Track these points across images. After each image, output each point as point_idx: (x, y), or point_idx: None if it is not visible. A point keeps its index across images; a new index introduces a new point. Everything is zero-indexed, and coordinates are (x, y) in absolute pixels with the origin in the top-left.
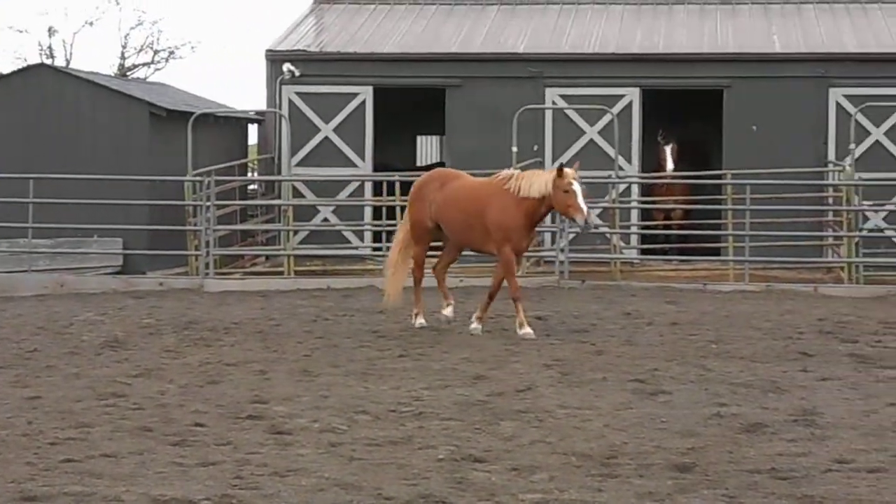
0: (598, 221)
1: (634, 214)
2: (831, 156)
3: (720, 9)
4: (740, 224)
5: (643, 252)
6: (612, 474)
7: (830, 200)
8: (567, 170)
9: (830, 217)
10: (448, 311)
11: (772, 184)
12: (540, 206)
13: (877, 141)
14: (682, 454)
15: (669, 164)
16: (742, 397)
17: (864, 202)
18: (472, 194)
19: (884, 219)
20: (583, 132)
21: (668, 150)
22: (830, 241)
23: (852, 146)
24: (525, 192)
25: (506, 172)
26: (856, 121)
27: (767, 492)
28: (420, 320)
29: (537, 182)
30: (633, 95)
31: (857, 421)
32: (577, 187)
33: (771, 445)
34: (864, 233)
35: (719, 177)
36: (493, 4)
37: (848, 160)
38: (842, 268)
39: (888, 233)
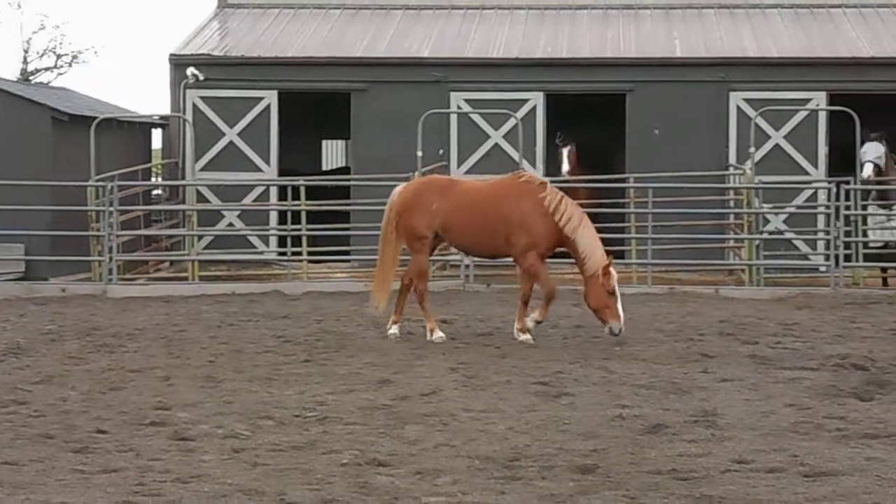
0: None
1: None
2: (732, 159)
3: (623, 14)
4: (643, 227)
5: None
6: (514, 477)
7: (731, 203)
8: (613, 270)
9: (731, 220)
10: (395, 329)
11: (674, 187)
12: (560, 238)
13: (777, 144)
14: (585, 456)
15: (565, 167)
16: (644, 399)
17: (765, 205)
18: (492, 197)
19: (784, 221)
20: (487, 136)
21: (565, 152)
22: (732, 243)
23: (752, 149)
24: (563, 223)
25: (528, 174)
26: (756, 124)
27: (668, 492)
28: (438, 334)
29: (588, 235)
30: (537, 100)
31: (757, 421)
32: (618, 291)
33: (672, 446)
34: (765, 235)
35: (623, 180)
36: (397, 9)
37: (748, 163)
38: (743, 270)
39: (788, 235)
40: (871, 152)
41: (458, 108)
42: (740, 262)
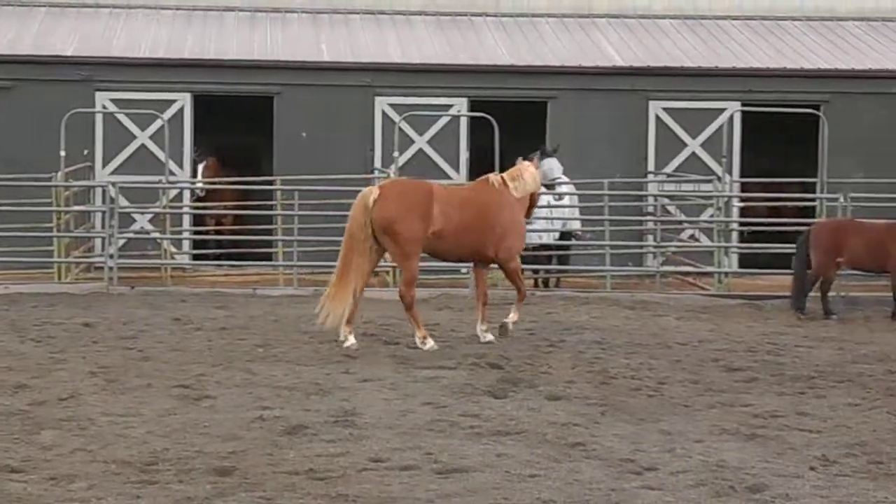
0: None
1: (186, 220)
2: (378, 163)
3: (270, 17)
4: (289, 229)
5: (195, 258)
6: (151, 480)
7: None
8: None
9: None
10: (353, 339)
11: (320, 190)
12: (527, 204)
13: (420, 149)
14: (223, 458)
15: (199, 184)
16: (285, 400)
17: None
18: (477, 200)
19: None
20: (134, 137)
21: (200, 167)
22: None
23: (396, 154)
24: (522, 191)
25: (490, 177)
26: (400, 129)
27: (304, 492)
28: (430, 343)
29: (528, 177)
30: (184, 100)
31: (394, 420)
32: None
33: (310, 447)
34: None
35: (270, 182)
36: (40, 6)
37: (393, 167)
38: (387, 272)
39: None
40: (556, 169)
41: (104, 107)
42: (384, 264)
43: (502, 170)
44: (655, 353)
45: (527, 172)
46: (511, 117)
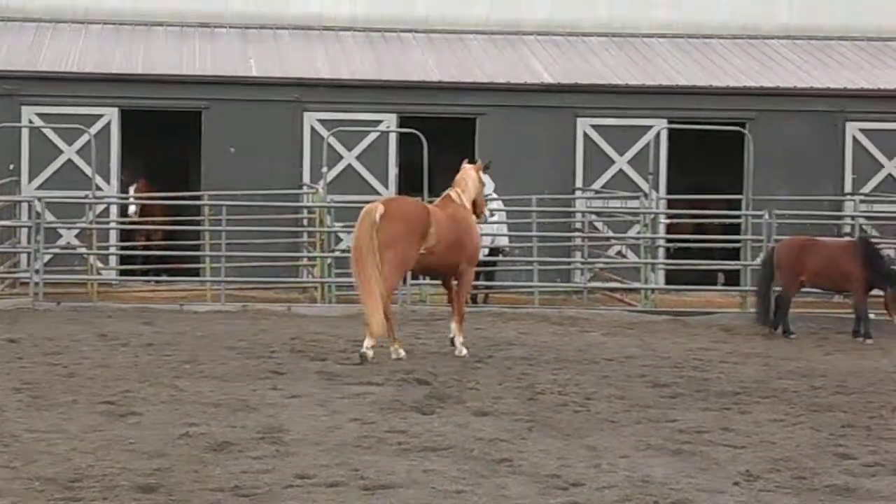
0: None
1: (113, 235)
2: (306, 178)
3: (199, 31)
4: (217, 244)
5: (122, 273)
6: (75, 498)
7: (305, 222)
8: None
9: (305, 238)
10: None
11: (248, 205)
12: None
13: (349, 164)
14: (148, 475)
15: (132, 208)
16: (212, 416)
17: (337, 224)
18: (456, 217)
19: None
20: (61, 151)
21: (131, 189)
22: (305, 261)
23: (325, 169)
24: (468, 199)
25: (451, 192)
26: (328, 144)
27: None
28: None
29: (471, 183)
30: (112, 115)
31: (321, 437)
32: None
33: (237, 463)
34: (337, 253)
35: (198, 197)
36: None
37: (321, 183)
38: (315, 287)
39: None
40: (487, 185)
41: (30, 122)
42: (313, 280)
43: (430, 185)
44: (582, 369)
45: (469, 179)
46: (440, 133)
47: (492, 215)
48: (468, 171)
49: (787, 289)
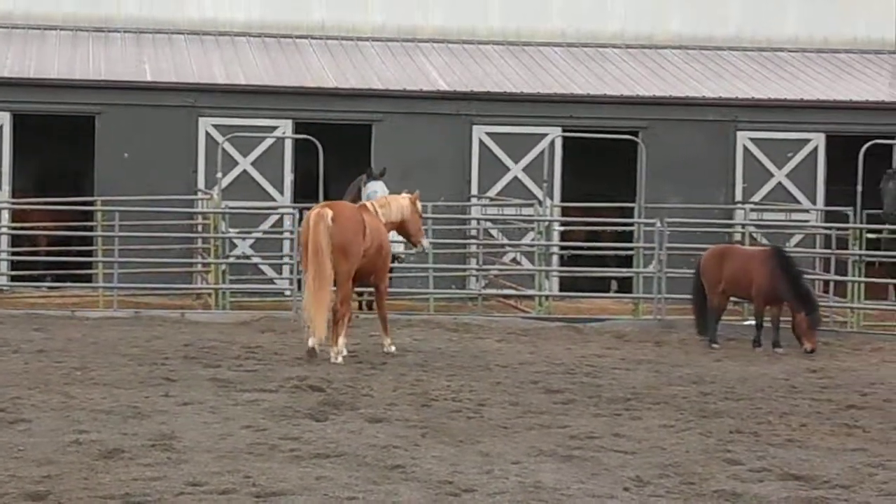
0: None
1: (3, 240)
2: (201, 184)
3: (93, 35)
4: (110, 250)
5: (13, 279)
6: None
7: (199, 228)
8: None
9: (200, 244)
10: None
11: (142, 211)
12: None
13: (244, 170)
14: (38, 482)
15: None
16: (102, 423)
17: (232, 230)
18: (374, 224)
19: (251, 246)
20: None
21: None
22: (199, 267)
23: (220, 175)
24: (386, 218)
25: (367, 203)
26: (223, 150)
27: None
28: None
29: (395, 206)
30: (3, 120)
31: (214, 444)
32: None
33: (127, 471)
34: (231, 260)
35: (90, 203)
36: None
37: (216, 189)
38: (209, 294)
39: (254, 259)
40: (382, 192)
41: None
42: (207, 286)
43: (326, 192)
44: (476, 376)
45: (395, 202)
46: (336, 140)
47: None
48: (399, 199)
49: (710, 297)
